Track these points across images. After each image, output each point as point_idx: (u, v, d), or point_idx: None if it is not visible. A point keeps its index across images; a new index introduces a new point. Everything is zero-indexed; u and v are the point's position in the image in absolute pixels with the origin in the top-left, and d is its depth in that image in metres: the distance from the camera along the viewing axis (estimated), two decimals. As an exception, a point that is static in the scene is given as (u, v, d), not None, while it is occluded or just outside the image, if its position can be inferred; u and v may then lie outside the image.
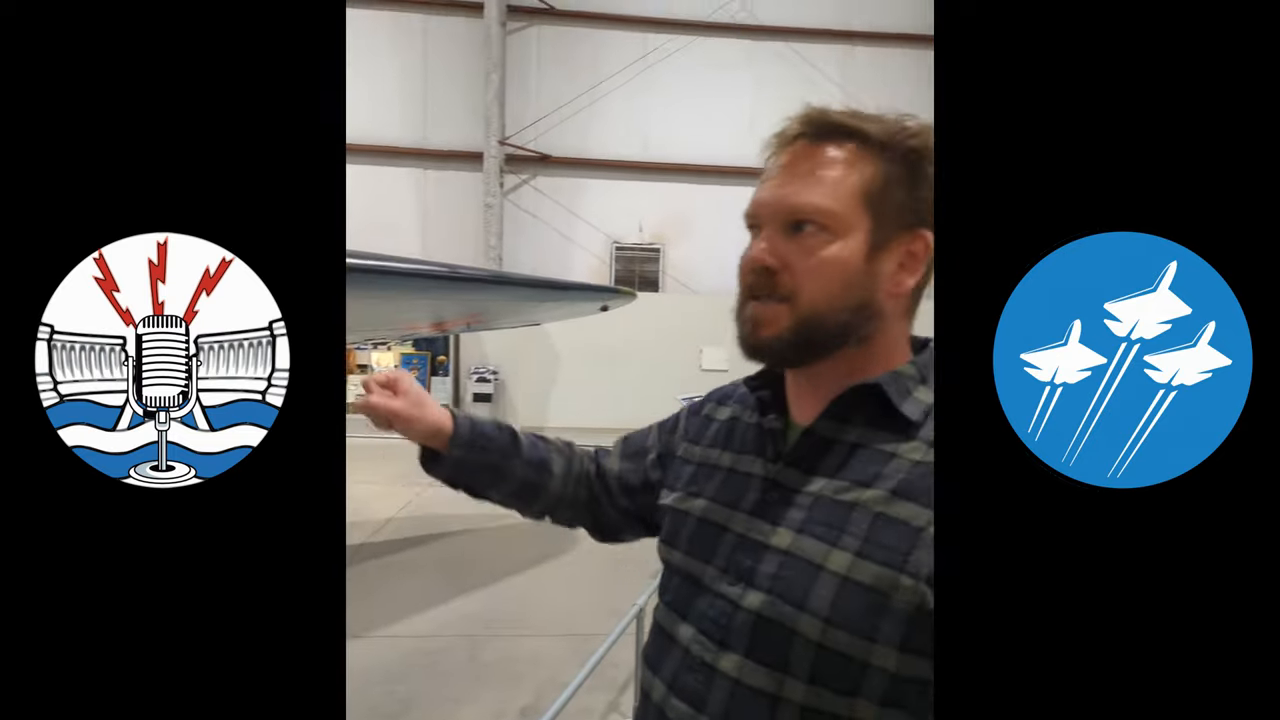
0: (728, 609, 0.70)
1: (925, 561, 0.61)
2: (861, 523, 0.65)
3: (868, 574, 0.63)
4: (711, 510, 0.77)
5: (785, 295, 0.69)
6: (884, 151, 0.69)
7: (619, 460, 0.97)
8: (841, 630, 0.63)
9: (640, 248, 9.97)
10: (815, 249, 0.69)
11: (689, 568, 0.76)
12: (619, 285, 8.00)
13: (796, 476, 0.71)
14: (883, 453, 0.68)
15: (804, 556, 0.66)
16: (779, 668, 0.65)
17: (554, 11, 9.50)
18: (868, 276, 0.69)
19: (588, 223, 9.72)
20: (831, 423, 0.72)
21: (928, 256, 0.70)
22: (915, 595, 0.61)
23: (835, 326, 0.69)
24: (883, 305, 0.71)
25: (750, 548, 0.71)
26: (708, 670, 0.69)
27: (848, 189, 0.68)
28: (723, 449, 0.82)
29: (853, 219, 0.68)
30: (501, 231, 9.67)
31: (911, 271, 0.71)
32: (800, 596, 0.65)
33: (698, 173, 9.63)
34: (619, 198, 9.80)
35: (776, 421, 0.77)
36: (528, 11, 9.56)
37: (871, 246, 0.69)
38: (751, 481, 0.75)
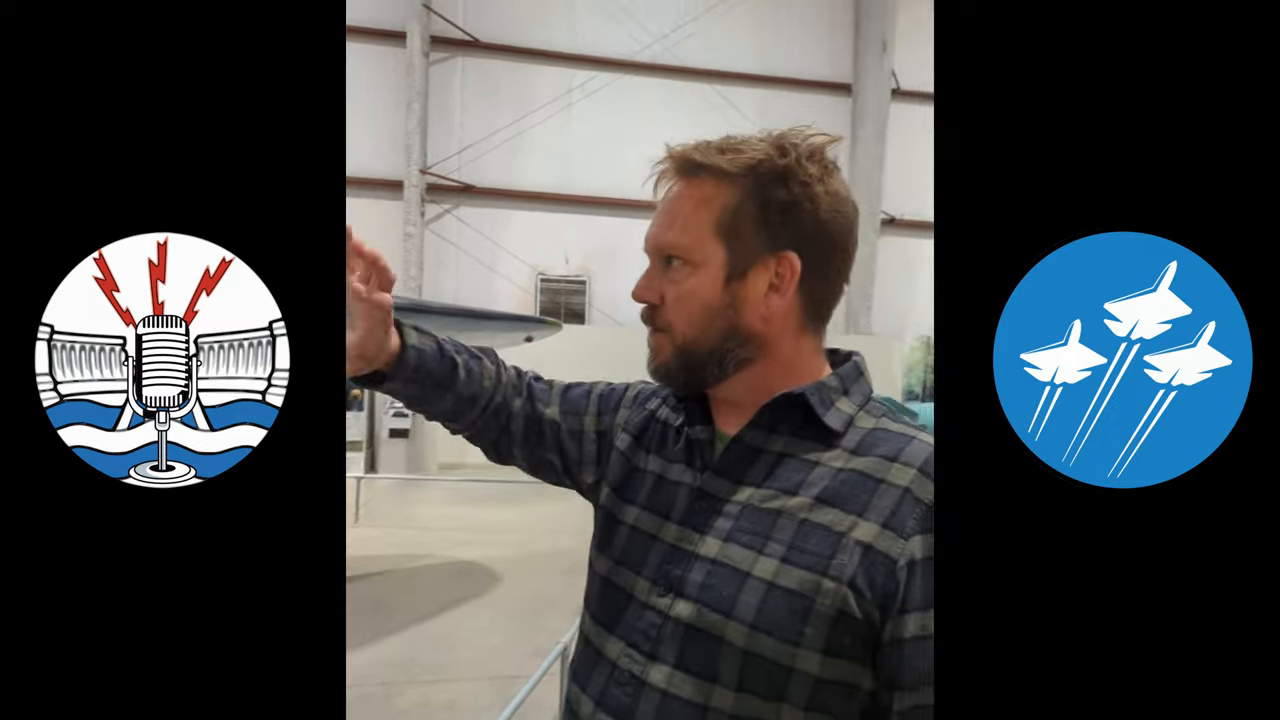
0: (656, 620, 0.70)
1: (847, 565, 0.64)
2: (787, 530, 0.67)
3: (792, 579, 0.65)
4: (643, 519, 0.78)
5: (663, 326, 0.75)
6: (736, 181, 0.71)
7: (559, 412, 0.92)
8: (767, 635, 0.64)
9: (566, 280, 9.87)
10: (679, 281, 0.73)
11: (618, 579, 0.76)
12: (544, 316, 7.88)
13: (725, 486, 0.73)
14: (807, 461, 0.71)
15: (731, 564, 0.68)
16: (708, 677, 0.66)
17: (478, 44, 9.41)
18: (730, 303, 0.72)
19: (512, 254, 9.63)
20: (758, 432, 0.74)
21: (795, 278, 0.72)
22: (837, 598, 0.63)
23: (708, 353, 0.73)
24: (755, 328, 0.73)
25: (679, 557, 0.72)
26: (636, 683, 0.70)
27: (700, 222, 0.72)
28: (655, 454, 0.83)
29: (708, 250, 0.72)
30: (422, 261, 9.54)
31: (781, 292, 0.72)
32: (727, 604, 0.66)
33: (624, 206, 9.55)
34: (544, 229, 9.71)
35: (704, 432, 0.78)
36: (451, 43, 9.45)
37: (729, 275, 0.72)
38: (680, 490, 0.76)
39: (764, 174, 0.71)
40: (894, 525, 0.64)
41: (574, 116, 9.67)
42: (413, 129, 9.36)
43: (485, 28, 9.35)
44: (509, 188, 9.58)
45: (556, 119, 9.67)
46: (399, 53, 9.62)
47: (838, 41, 10.17)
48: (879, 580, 0.63)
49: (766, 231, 0.71)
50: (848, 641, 0.63)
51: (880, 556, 0.63)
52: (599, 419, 0.92)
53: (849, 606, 0.63)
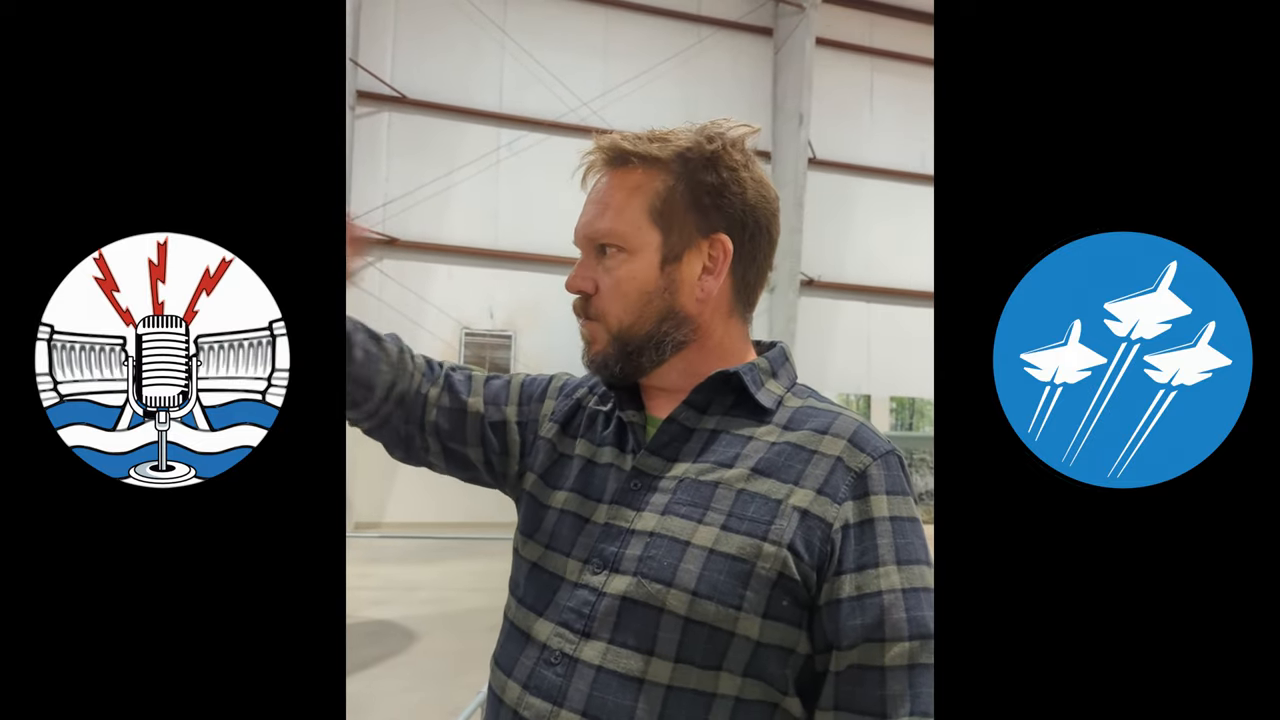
0: (590, 598, 0.70)
1: (787, 529, 0.66)
2: (725, 499, 0.69)
3: (733, 545, 0.66)
4: (572, 501, 0.77)
5: (597, 315, 0.77)
6: (667, 167, 0.74)
7: (481, 402, 0.89)
8: (709, 601, 0.65)
9: (491, 334, 9.70)
10: (614, 269, 0.75)
11: (547, 563, 0.76)
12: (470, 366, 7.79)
13: (659, 464, 0.74)
14: (741, 437, 0.73)
15: (670, 535, 0.69)
16: (645, 650, 0.66)
17: (405, 100, 9.27)
18: (666, 287, 0.75)
19: (437, 307, 9.42)
20: (691, 412, 0.76)
21: (728, 260, 0.75)
22: (778, 561, 0.65)
23: (646, 337, 0.75)
24: (690, 310, 0.76)
25: (614, 535, 0.72)
26: (568, 662, 0.69)
27: (634, 209, 0.74)
28: (583, 438, 0.82)
29: (644, 235, 0.74)
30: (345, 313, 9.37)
31: (715, 274, 0.75)
32: (668, 573, 0.67)
33: (549, 263, 9.43)
34: (469, 284, 9.57)
35: (636, 416, 0.79)
36: (378, 98, 9.27)
37: (664, 259, 0.74)
38: (611, 473, 0.76)
39: (692, 160, 0.74)
40: (828, 492, 0.67)
41: (501, 174, 9.59)
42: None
43: (413, 84, 9.31)
44: (434, 241, 9.45)
45: (484, 175, 9.59)
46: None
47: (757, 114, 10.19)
48: (816, 543, 0.66)
49: (698, 214, 0.74)
50: (786, 604, 0.65)
51: (817, 520, 0.66)
52: (520, 409, 0.89)
53: (788, 569, 0.65)
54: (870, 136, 10.38)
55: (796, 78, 9.93)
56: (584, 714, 0.66)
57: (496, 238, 9.65)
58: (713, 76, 10.16)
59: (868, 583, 0.64)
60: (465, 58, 9.42)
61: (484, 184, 9.62)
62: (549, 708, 0.68)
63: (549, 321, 9.26)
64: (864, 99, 10.44)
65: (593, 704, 0.66)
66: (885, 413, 10.02)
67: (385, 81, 9.19)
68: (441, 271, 9.54)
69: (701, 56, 10.06)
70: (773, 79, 10.44)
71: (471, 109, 9.55)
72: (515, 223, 9.60)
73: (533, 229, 9.49)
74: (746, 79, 10.36)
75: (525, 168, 9.60)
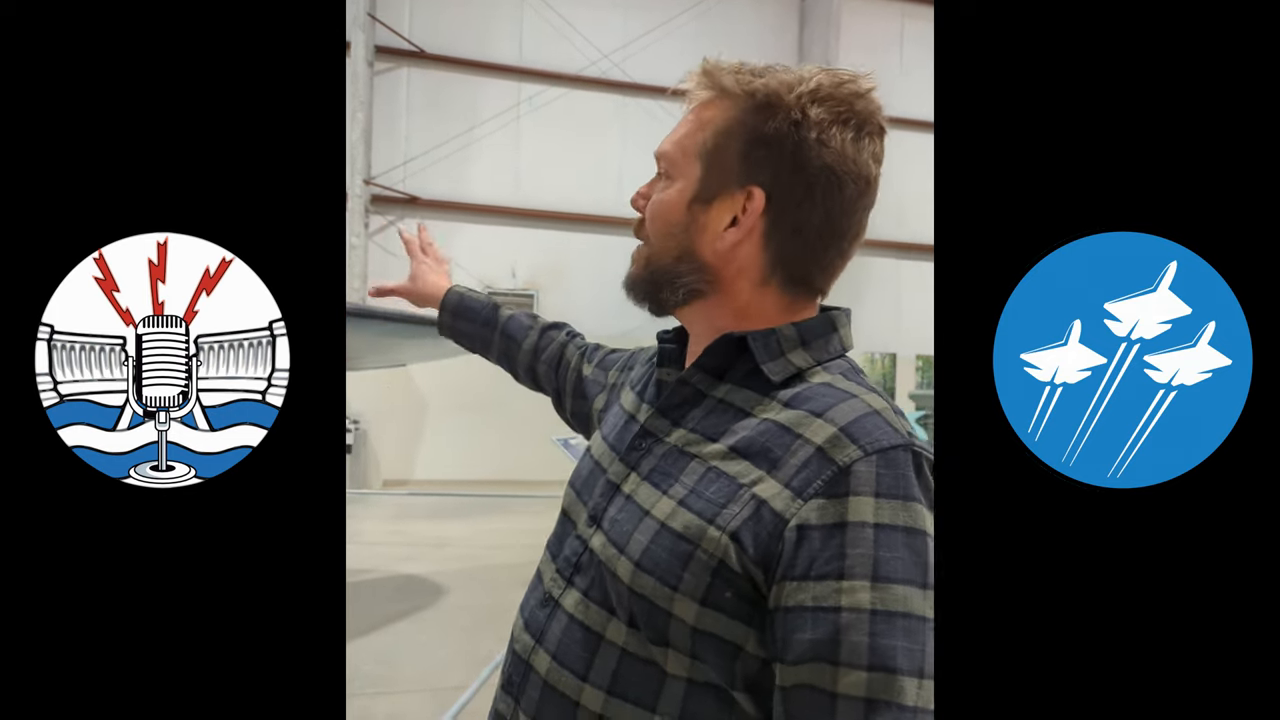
0: (579, 549, 0.72)
1: (735, 516, 0.61)
2: (694, 474, 0.66)
3: (680, 521, 0.64)
4: (600, 451, 0.79)
5: (643, 237, 0.75)
6: (739, 103, 0.68)
7: (592, 368, 1.04)
8: (649, 575, 0.64)
9: (514, 293, 9.64)
10: (658, 193, 0.73)
11: (570, 509, 0.78)
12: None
13: (665, 425, 0.73)
14: (741, 410, 0.68)
15: (636, 502, 0.69)
16: (606, 607, 0.67)
17: (424, 55, 9.19)
18: (687, 225, 0.70)
19: (459, 266, 9.29)
20: (703, 375, 0.72)
21: (756, 216, 0.67)
22: (719, 548, 0.61)
23: (664, 272, 0.72)
24: (706, 258, 0.70)
25: (609, 491, 0.73)
26: (552, 604, 0.72)
27: (688, 137, 0.71)
28: (633, 391, 0.84)
29: (685, 166, 0.71)
30: (366, 273, 9.32)
31: (740, 228, 0.68)
32: (623, 540, 0.67)
33: (572, 220, 9.43)
34: (491, 242, 9.51)
35: (669, 374, 0.78)
36: (397, 53, 9.20)
37: (695, 197, 0.70)
38: (631, 427, 0.77)
39: (759, 102, 0.67)
40: (795, 485, 0.60)
41: (522, 130, 9.52)
42: (357, 139, 9.12)
43: (431, 39, 9.25)
44: (456, 200, 9.40)
45: (504, 132, 9.51)
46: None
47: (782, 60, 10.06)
48: (764, 538, 0.59)
49: (745, 163, 0.68)
50: (729, 596, 0.61)
51: (772, 514, 0.60)
52: (620, 374, 0.97)
53: (729, 558, 0.60)
54: (901, 87, 9.81)
55: (824, 26, 9.69)
56: (554, 656, 0.69)
57: (518, 195, 9.56)
58: (738, 25, 9.91)
59: (825, 595, 0.56)
60: (483, 10, 9.30)
61: (505, 140, 9.54)
62: (531, 643, 0.72)
63: (571, 280, 9.19)
64: (894, 47, 9.93)
65: (560, 649, 0.69)
66: (911, 371, 9.85)
67: (404, 36, 9.09)
68: (464, 230, 9.45)
69: (725, 3, 9.84)
70: (799, 27, 10.17)
71: (491, 63, 9.43)
72: (535, 180, 9.53)
73: (555, 185, 9.43)
74: (772, 27, 10.09)
75: (546, 123, 9.53)
